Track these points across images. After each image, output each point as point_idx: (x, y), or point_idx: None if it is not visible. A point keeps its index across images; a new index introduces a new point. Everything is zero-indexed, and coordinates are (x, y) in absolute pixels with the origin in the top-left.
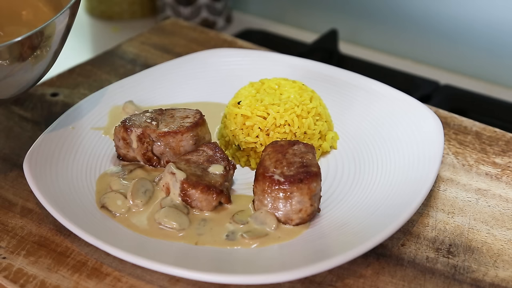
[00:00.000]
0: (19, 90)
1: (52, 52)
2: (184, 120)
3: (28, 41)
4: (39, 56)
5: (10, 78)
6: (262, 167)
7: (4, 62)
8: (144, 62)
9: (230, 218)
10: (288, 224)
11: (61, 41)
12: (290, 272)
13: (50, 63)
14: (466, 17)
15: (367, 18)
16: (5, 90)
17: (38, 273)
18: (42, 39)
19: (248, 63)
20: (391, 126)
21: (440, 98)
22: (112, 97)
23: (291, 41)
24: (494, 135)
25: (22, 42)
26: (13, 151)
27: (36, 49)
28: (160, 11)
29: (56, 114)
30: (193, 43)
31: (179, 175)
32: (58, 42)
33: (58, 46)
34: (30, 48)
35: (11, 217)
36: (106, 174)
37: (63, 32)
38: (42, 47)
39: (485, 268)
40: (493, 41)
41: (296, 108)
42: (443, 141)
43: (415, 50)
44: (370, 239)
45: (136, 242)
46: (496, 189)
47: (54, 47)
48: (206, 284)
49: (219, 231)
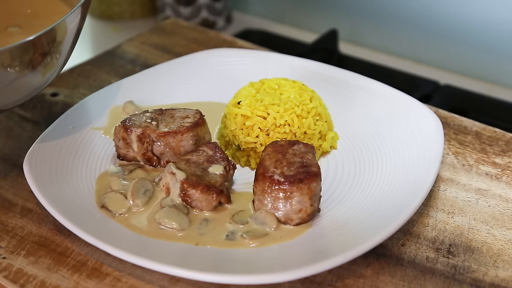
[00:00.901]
0: (26, 97)
1: (62, 59)
2: (184, 120)
3: (37, 43)
4: (49, 64)
5: (20, 84)
6: (262, 167)
7: (13, 66)
8: (144, 62)
9: (230, 218)
10: (288, 224)
11: (71, 47)
12: (290, 272)
13: (58, 71)
14: (466, 17)
15: (367, 18)
16: (13, 96)
17: (38, 273)
18: (53, 44)
19: (248, 63)
20: (391, 126)
21: (440, 98)
22: (112, 97)
23: (291, 41)
24: (494, 135)
25: (34, 41)
26: (13, 151)
27: (47, 55)
28: (160, 11)
29: (56, 114)
30: (193, 43)
31: (179, 175)
32: (68, 48)
33: (68, 53)
34: (40, 54)
35: (11, 217)
36: (106, 174)
37: (74, 37)
38: (52, 52)
39: (485, 268)
40: (493, 41)
41: (296, 108)
42: (443, 141)
43: (415, 50)
44: (370, 239)
45: (136, 242)
46: (496, 189)
47: (65, 53)
48: (206, 284)
49: (219, 231)
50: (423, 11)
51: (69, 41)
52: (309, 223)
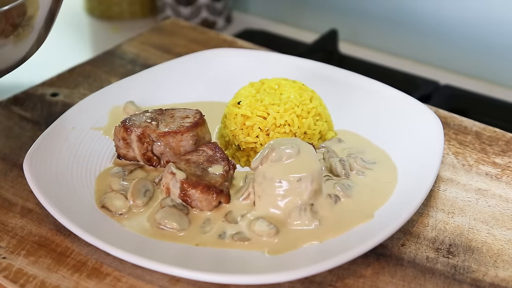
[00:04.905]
0: (4, 70)
1: (35, 35)
2: (184, 120)
3: (8, 14)
4: (20, 35)
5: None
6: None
7: None
8: (144, 62)
9: (223, 217)
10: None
11: (45, 25)
12: (290, 272)
13: (33, 48)
14: (466, 17)
15: (367, 18)
16: None
17: (38, 273)
18: (23, 16)
19: (248, 63)
20: (391, 126)
21: (440, 98)
22: (112, 97)
23: (291, 41)
24: (494, 135)
25: (3, 13)
26: (13, 151)
27: (18, 27)
28: (160, 11)
29: (56, 114)
30: (193, 43)
31: (179, 175)
32: (41, 25)
33: (41, 30)
34: (11, 24)
35: (11, 217)
36: (106, 174)
37: (47, 16)
38: (24, 26)
39: (485, 268)
40: (493, 41)
41: (296, 108)
42: (443, 141)
43: (415, 50)
44: (370, 239)
45: (136, 242)
46: (496, 189)
47: (37, 29)
48: (206, 284)
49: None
50: (423, 11)
51: (42, 17)
52: (309, 223)
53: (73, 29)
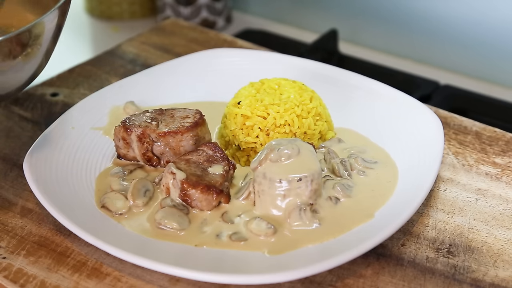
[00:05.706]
0: (11, 90)
1: (43, 51)
2: (184, 120)
3: (16, 39)
4: (29, 54)
5: (1, 77)
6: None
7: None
8: (144, 62)
9: (220, 217)
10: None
11: (53, 40)
12: (290, 272)
13: (42, 62)
14: (466, 17)
15: (367, 18)
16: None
17: (38, 273)
18: (31, 37)
19: (248, 63)
20: (391, 126)
21: (440, 98)
22: (112, 97)
23: (291, 41)
24: (494, 135)
25: (11, 39)
26: (13, 151)
27: (26, 47)
28: (160, 11)
29: (56, 114)
30: (193, 43)
31: (179, 175)
32: (49, 40)
33: (49, 45)
34: (19, 45)
35: (11, 217)
36: (106, 174)
37: (54, 31)
38: (32, 45)
39: (485, 268)
40: (493, 41)
41: (296, 108)
42: (443, 141)
43: (415, 50)
44: (370, 239)
45: (136, 242)
46: (496, 189)
47: (45, 45)
48: (206, 284)
49: (217, 231)
50: (423, 11)
51: (49, 34)
52: (309, 223)
53: (73, 29)
